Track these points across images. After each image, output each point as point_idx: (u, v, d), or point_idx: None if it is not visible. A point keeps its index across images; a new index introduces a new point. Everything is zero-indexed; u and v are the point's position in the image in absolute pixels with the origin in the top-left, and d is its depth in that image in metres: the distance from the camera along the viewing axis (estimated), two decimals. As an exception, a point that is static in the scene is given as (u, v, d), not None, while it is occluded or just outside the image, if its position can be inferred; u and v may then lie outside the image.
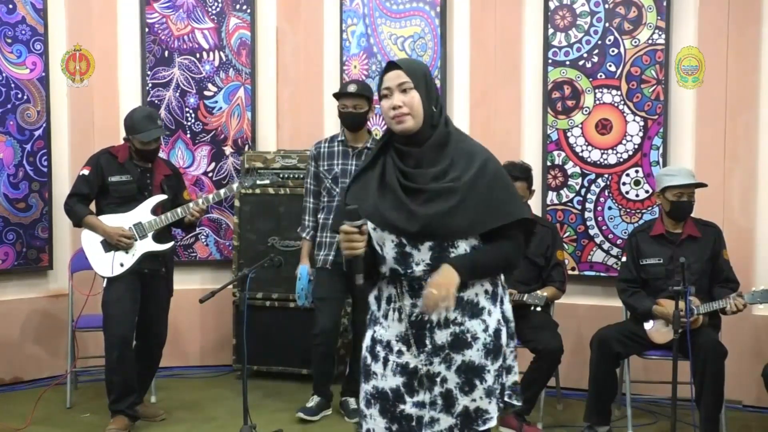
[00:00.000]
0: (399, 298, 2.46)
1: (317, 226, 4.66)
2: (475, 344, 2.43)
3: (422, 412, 2.44)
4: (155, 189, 4.44)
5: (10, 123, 5.18)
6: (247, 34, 5.75)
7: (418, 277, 2.42)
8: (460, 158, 2.43)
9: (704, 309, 4.06)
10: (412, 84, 2.41)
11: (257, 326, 5.11)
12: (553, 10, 5.10)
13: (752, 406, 4.76)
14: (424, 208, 2.37)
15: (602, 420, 4.28)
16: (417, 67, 2.47)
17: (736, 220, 4.78)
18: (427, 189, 2.38)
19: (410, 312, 2.45)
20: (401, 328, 2.46)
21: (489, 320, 2.46)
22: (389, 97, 2.43)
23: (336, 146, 4.63)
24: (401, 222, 2.39)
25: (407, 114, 2.40)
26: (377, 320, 2.54)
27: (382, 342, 2.50)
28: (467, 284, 2.42)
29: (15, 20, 5.21)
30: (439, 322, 2.42)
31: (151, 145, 4.37)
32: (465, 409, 2.43)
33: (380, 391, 2.49)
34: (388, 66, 2.46)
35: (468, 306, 2.44)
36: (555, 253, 4.58)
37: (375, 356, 2.52)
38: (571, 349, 4.69)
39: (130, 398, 4.35)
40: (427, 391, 2.44)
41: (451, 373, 2.43)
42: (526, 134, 5.24)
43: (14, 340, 5.25)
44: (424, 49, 5.38)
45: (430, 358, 2.44)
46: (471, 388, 2.43)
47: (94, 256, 4.35)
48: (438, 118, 2.46)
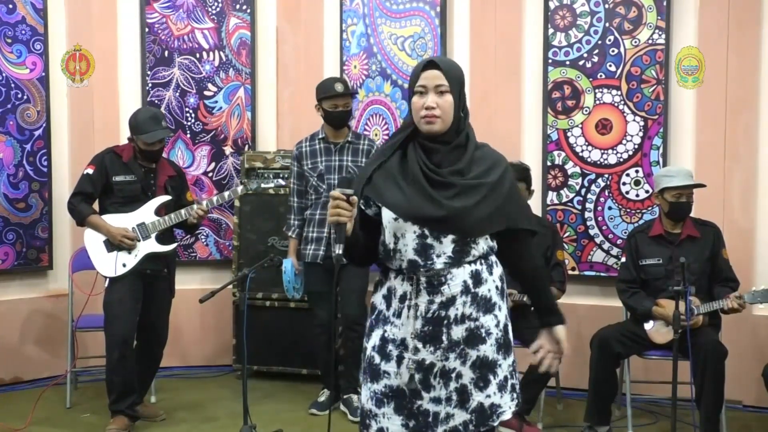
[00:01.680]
0: (415, 295, 2.46)
1: (303, 224, 4.76)
2: (488, 339, 2.47)
3: (438, 408, 2.47)
4: (159, 189, 4.44)
5: (10, 123, 5.18)
6: (247, 34, 5.75)
7: (437, 271, 2.44)
8: (480, 161, 2.46)
9: (704, 309, 4.06)
10: (449, 87, 2.42)
11: (257, 326, 5.11)
12: (553, 10, 5.10)
13: (752, 406, 4.76)
14: (451, 201, 2.39)
15: (602, 420, 4.28)
16: (455, 70, 2.47)
17: (736, 220, 4.78)
18: (456, 183, 2.41)
19: (427, 309, 2.46)
20: (417, 325, 2.46)
21: (500, 315, 2.51)
22: (423, 95, 2.42)
23: (317, 144, 4.74)
24: (428, 210, 2.40)
25: (438, 117, 2.41)
26: (387, 319, 2.52)
27: (395, 341, 2.50)
28: (482, 280, 2.47)
29: (15, 20, 5.21)
30: (456, 318, 2.45)
31: (155, 146, 4.37)
32: (480, 405, 2.47)
33: (395, 389, 2.50)
34: (428, 64, 2.45)
35: (483, 302, 2.47)
36: (555, 253, 4.58)
37: (386, 355, 2.51)
38: (571, 349, 4.64)
39: (130, 398, 4.35)
40: (443, 387, 2.46)
41: (467, 369, 2.46)
42: (526, 134, 5.24)
43: (14, 340, 5.26)
44: (424, 49, 5.38)
45: (446, 354, 2.46)
46: (485, 384, 2.47)
47: (96, 255, 4.35)
48: (464, 124, 2.48)
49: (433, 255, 2.44)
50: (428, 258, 2.44)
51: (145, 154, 4.39)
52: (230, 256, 5.59)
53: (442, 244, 2.43)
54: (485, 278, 2.48)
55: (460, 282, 2.45)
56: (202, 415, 4.70)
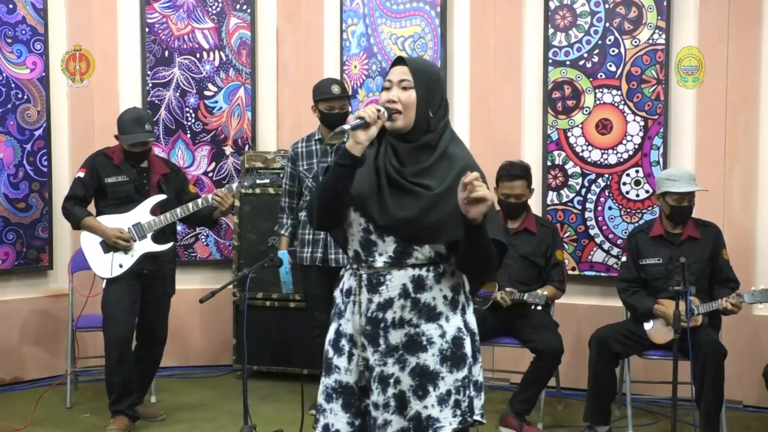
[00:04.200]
0: (358, 291, 2.45)
1: (297, 223, 4.75)
2: (430, 348, 2.40)
3: (376, 414, 2.42)
4: (152, 189, 4.43)
5: (10, 123, 5.18)
6: (247, 34, 5.75)
7: (376, 269, 2.42)
8: (442, 163, 2.41)
9: (704, 309, 4.06)
10: (413, 83, 2.41)
11: (257, 326, 5.11)
12: (553, 10, 5.09)
13: (752, 406, 4.76)
14: (396, 208, 2.36)
15: (602, 420, 4.28)
16: (424, 69, 2.46)
17: (736, 220, 4.78)
18: (405, 185, 2.38)
19: (367, 307, 2.44)
20: (362, 322, 2.45)
21: (447, 326, 2.43)
22: (389, 90, 2.43)
23: (313, 145, 4.73)
24: (373, 210, 2.40)
25: (400, 112, 2.40)
26: (342, 313, 2.52)
27: (346, 335, 2.48)
28: (426, 287, 2.41)
29: (15, 20, 5.21)
30: (394, 322, 2.41)
31: (136, 148, 4.35)
32: (417, 414, 2.40)
33: (344, 385, 2.48)
34: (396, 60, 2.47)
35: (425, 309, 2.41)
36: (555, 252, 4.58)
37: (339, 350, 2.49)
38: (571, 349, 4.69)
39: (130, 398, 4.35)
40: (381, 392, 2.41)
41: (405, 375, 2.41)
42: (526, 134, 5.24)
43: (14, 340, 5.25)
44: (424, 49, 5.38)
45: (384, 359, 2.41)
46: (424, 394, 2.39)
47: (93, 257, 4.35)
48: (435, 125, 2.43)
49: (375, 252, 2.42)
50: (370, 254, 2.43)
51: (128, 155, 4.38)
52: (230, 256, 5.59)
53: (385, 243, 2.42)
54: (430, 285, 2.41)
55: (399, 285, 2.40)
56: (202, 415, 4.70)
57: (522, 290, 4.39)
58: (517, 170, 4.53)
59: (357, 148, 2.35)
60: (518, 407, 4.35)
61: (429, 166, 2.40)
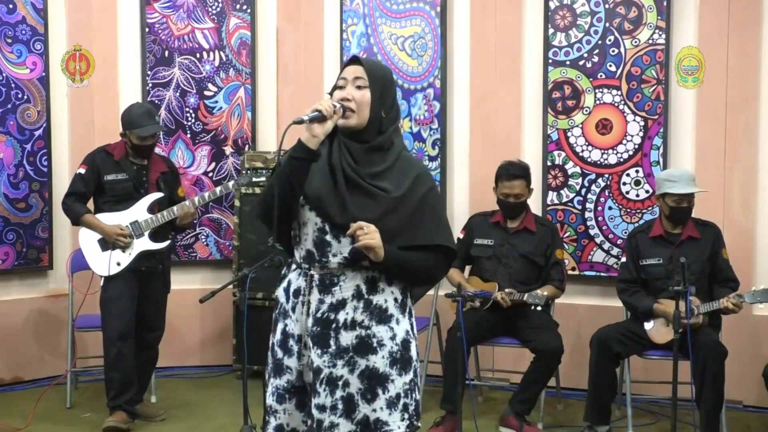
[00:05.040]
0: (308, 292, 2.44)
1: None
2: (380, 351, 2.40)
3: (322, 416, 2.40)
4: (151, 186, 4.45)
5: (10, 123, 5.18)
6: (247, 34, 5.75)
7: (330, 270, 2.42)
8: (397, 167, 2.42)
9: (704, 309, 4.06)
10: (367, 83, 2.42)
11: (257, 326, 5.08)
12: (553, 10, 5.09)
13: (752, 406, 4.76)
14: (356, 208, 2.36)
15: (602, 420, 4.28)
16: (378, 69, 2.48)
17: (736, 220, 4.78)
18: (364, 186, 2.38)
19: (317, 308, 2.43)
20: (309, 323, 2.43)
21: (397, 329, 2.43)
22: (342, 89, 2.44)
23: None
24: (332, 209, 2.39)
25: (353, 111, 2.40)
26: (287, 313, 2.51)
27: (294, 336, 2.47)
28: (378, 289, 2.42)
29: (15, 20, 5.21)
30: (346, 323, 2.40)
31: (147, 140, 4.39)
32: (365, 418, 2.39)
33: (296, 386, 2.48)
34: (351, 60, 2.48)
35: (376, 311, 2.42)
36: (554, 251, 4.58)
37: (288, 350, 2.49)
38: (571, 349, 4.69)
39: (129, 393, 4.37)
40: (329, 394, 2.39)
41: (354, 378, 2.40)
42: (526, 134, 5.23)
43: (14, 340, 5.25)
44: (424, 49, 5.38)
45: (333, 360, 2.40)
46: (373, 397, 2.39)
47: (91, 255, 4.36)
48: (387, 126, 2.45)
49: (329, 252, 2.42)
50: (324, 254, 2.42)
51: (137, 149, 4.40)
52: (230, 256, 5.58)
53: (341, 243, 2.41)
54: (382, 287, 2.43)
55: (353, 285, 2.41)
56: (201, 415, 4.70)
57: (522, 290, 4.39)
58: (517, 170, 4.53)
59: (313, 141, 2.34)
60: (518, 407, 4.35)
61: (384, 170, 2.41)
